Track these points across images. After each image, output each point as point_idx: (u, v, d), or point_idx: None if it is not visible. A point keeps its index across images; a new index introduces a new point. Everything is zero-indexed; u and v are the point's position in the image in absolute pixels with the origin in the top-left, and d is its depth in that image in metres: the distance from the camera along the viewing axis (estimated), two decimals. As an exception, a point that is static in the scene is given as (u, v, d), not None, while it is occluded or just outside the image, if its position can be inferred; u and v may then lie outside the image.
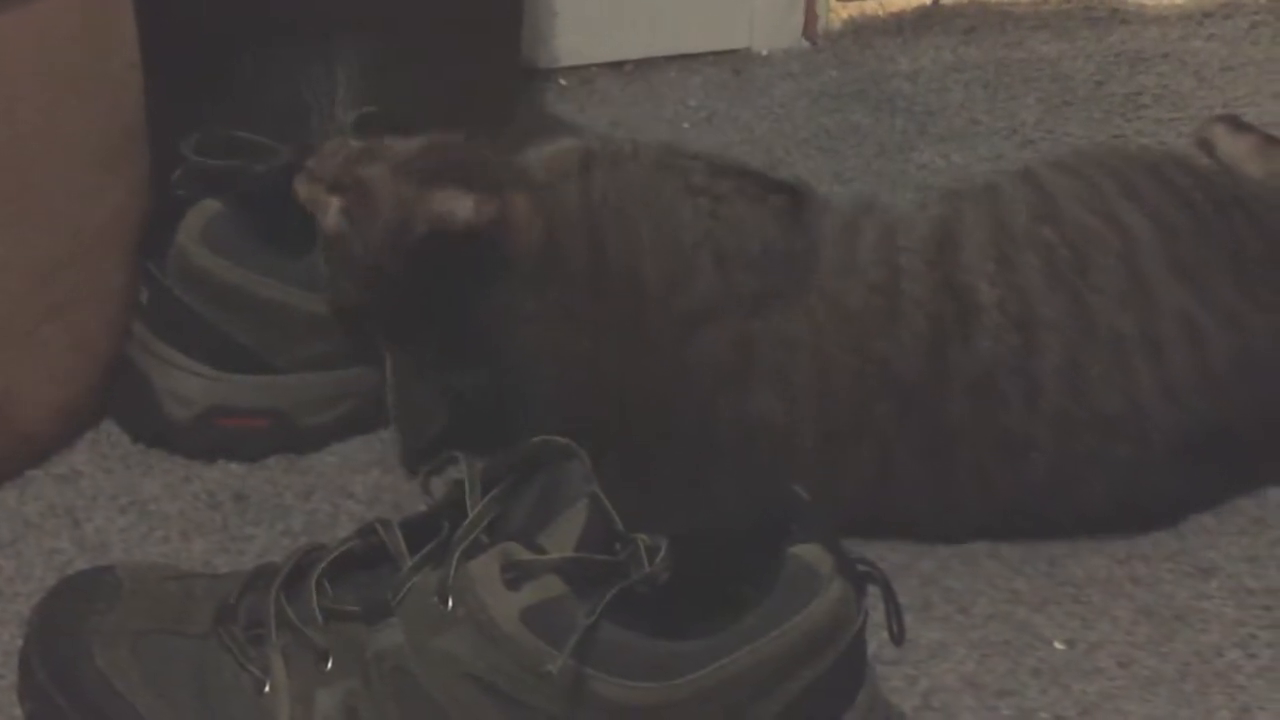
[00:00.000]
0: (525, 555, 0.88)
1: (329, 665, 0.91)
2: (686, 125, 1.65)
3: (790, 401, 1.13)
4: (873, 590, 0.93)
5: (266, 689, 0.91)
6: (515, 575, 0.88)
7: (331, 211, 1.16)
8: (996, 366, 1.12)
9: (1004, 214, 1.17)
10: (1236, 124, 1.46)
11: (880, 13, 1.84)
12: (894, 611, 0.93)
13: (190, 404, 1.21)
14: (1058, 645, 1.09)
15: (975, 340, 1.12)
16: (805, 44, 1.80)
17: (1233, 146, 1.41)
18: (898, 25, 1.81)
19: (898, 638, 0.93)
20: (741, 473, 1.13)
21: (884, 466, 1.13)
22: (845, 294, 1.14)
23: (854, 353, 1.12)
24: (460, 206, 1.13)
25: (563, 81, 1.73)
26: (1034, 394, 1.12)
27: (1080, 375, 1.12)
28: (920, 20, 1.82)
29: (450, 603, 0.88)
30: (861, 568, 0.92)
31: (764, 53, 1.78)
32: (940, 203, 1.20)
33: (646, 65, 1.75)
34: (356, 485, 1.20)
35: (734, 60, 1.76)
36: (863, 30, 1.81)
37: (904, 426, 1.12)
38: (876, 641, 0.96)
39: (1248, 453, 1.17)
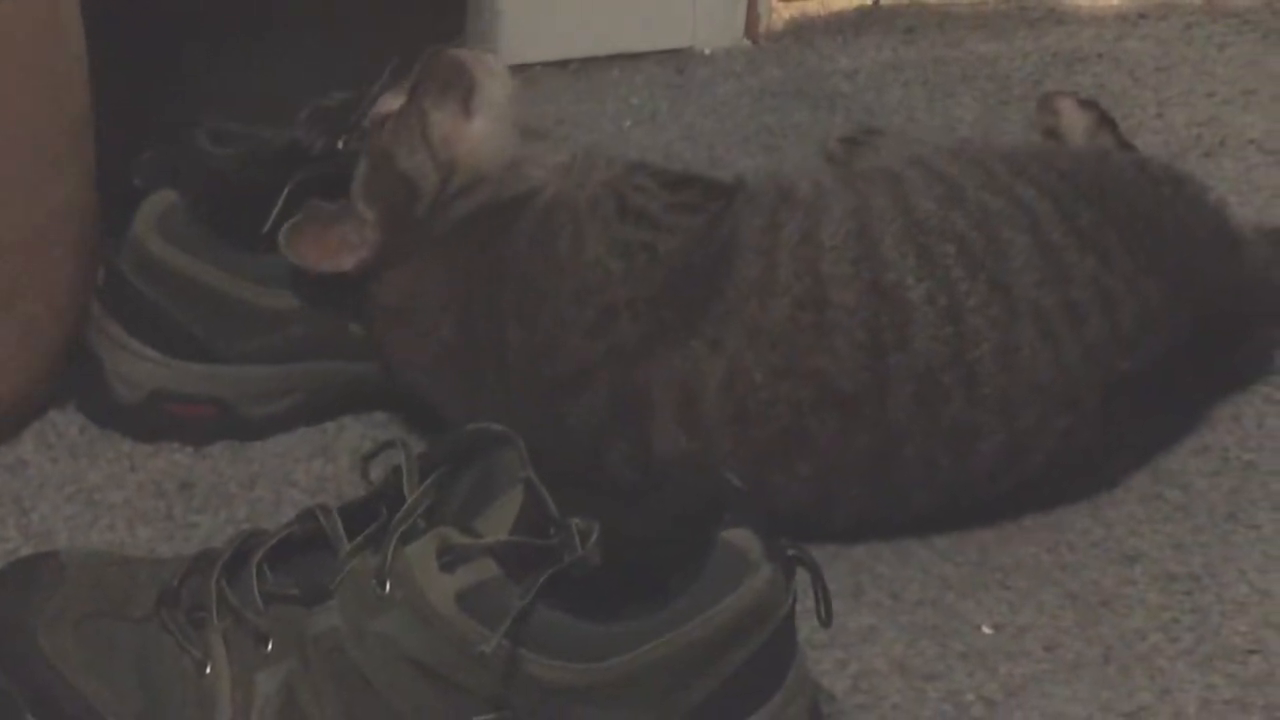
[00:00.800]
0: (461, 539, 0.90)
1: (269, 648, 0.92)
2: (629, 123, 1.66)
3: (701, 436, 1.13)
4: (804, 576, 0.95)
5: (208, 671, 0.93)
6: (451, 559, 0.89)
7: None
8: (936, 363, 1.13)
9: (911, 203, 1.18)
10: (1083, 101, 1.52)
11: (821, 13, 1.86)
12: (822, 594, 0.95)
13: (137, 387, 1.23)
14: (985, 630, 1.11)
15: (913, 342, 1.13)
16: (747, 43, 1.81)
17: (1073, 121, 1.46)
18: (839, 25, 1.83)
19: (825, 620, 0.95)
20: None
21: (825, 480, 1.14)
22: (766, 316, 1.13)
23: (784, 376, 1.12)
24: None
25: (508, 79, 1.74)
26: (974, 383, 1.13)
27: (1013, 354, 1.14)
28: (861, 20, 1.84)
29: (387, 586, 0.90)
30: (790, 552, 0.94)
31: (706, 52, 1.79)
32: (847, 189, 1.20)
33: (590, 64, 1.76)
34: (299, 474, 1.22)
35: (677, 59, 1.78)
36: (804, 30, 1.83)
37: (847, 439, 1.13)
38: (808, 626, 0.98)
39: (1152, 400, 1.20)
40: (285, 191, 1.20)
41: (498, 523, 0.90)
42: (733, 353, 1.12)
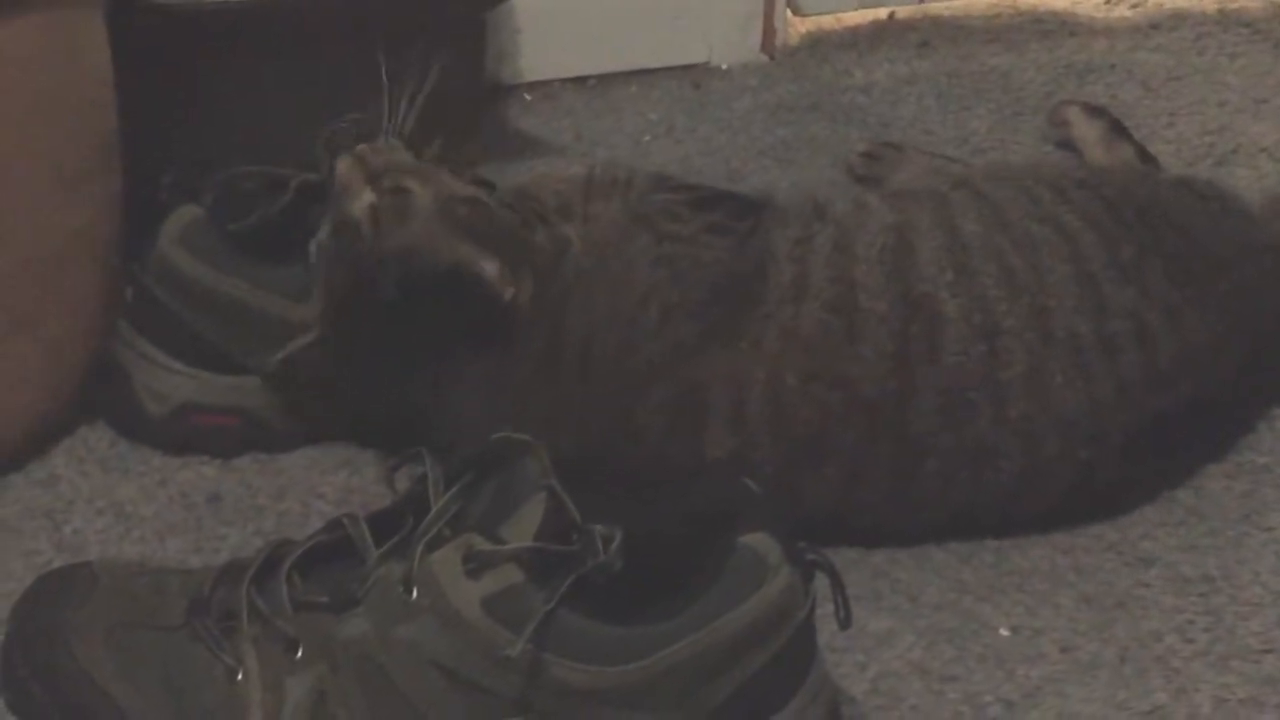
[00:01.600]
0: (486, 546, 0.91)
1: (299, 654, 0.94)
2: (647, 138, 1.68)
3: (744, 436, 1.14)
4: (823, 581, 0.96)
5: (239, 678, 0.95)
6: (476, 565, 0.91)
7: (361, 202, 1.16)
8: (965, 379, 1.14)
9: (957, 224, 1.19)
10: (1091, 109, 1.52)
11: (837, 27, 1.87)
12: (840, 597, 0.96)
13: (165, 400, 1.25)
14: (1003, 632, 1.12)
15: (943, 355, 1.14)
16: (763, 58, 1.82)
17: (1084, 131, 1.47)
18: (854, 39, 1.84)
19: (844, 622, 0.97)
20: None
21: (848, 485, 1.15)
22: (799, 319, 1.15)
23: (813, 380, 1.14)
24: (488, 270, 1.15)
25: (527, 96, 1.75)
26: (1001, 403, 1.14)
27: (1044, 381, 1.15)
28: (875, 34, 1.85)
29: (414, 593, 0.92)
30: (809, 556, 0.96)
31: (723, 67, 1.81)
32: (890, 208, 1.21)
33: (608, 80, 1.77)
34: (326, 486, 1.23)
35: (694, 75, 1.79)
36: (820, 44, 1.84)
37: (872, 446, 1.14)
38: (828, 630, 0.99)
39: (1184, 440, 1.22)
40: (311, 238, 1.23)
41: (521, 529, 0.92)
42: (771, 355, 1.14)
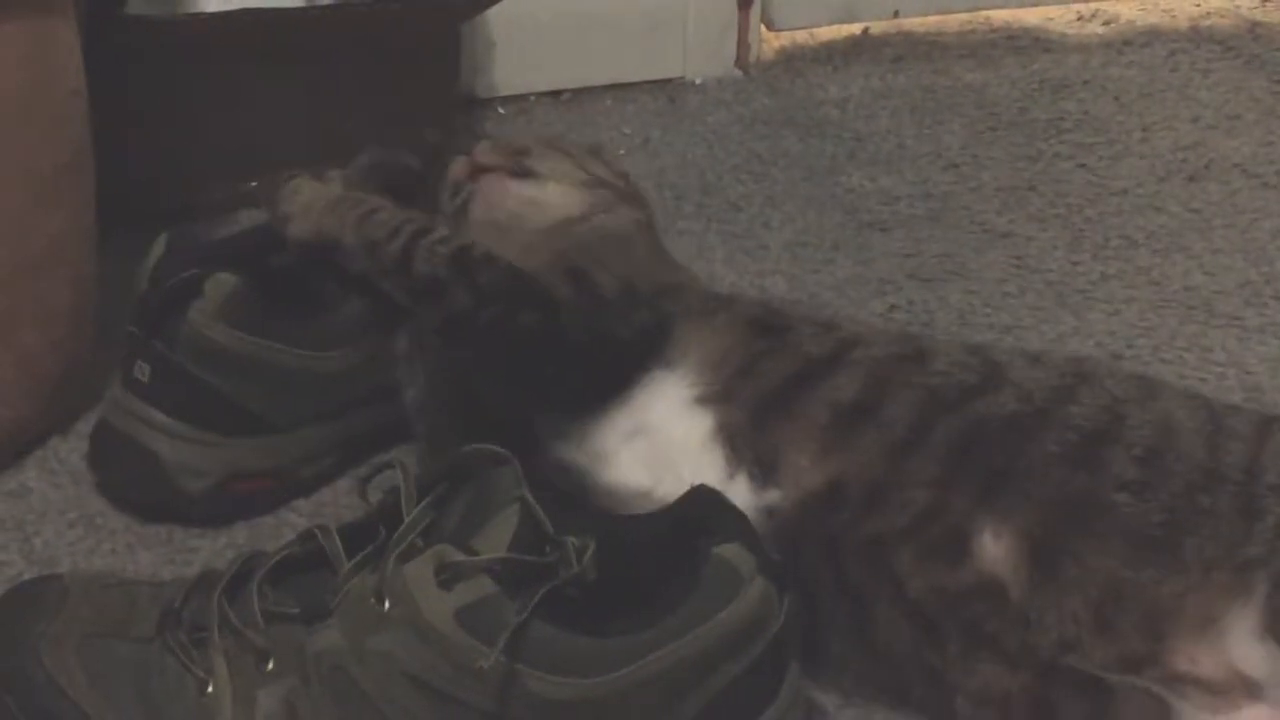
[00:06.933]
0: (458, 557, 0.91)
1: (270, 666, 0.94)
2: (622, 151, 1.68)
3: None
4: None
5: (209, 690, 0.94)
6: (449, 576, 0.91)
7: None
8: None
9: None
10: None
11: (811, 42, 1.88)
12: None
13: (205, 475, 1.20)
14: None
15: None
16: (738, 73, 1.83)
17: None
18: (828, 54, 1.85)
19: (818, 634, 0.97)
20: None
21: None
22: None
23: None
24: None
25: (501, 110, 1.75)
26: None
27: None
28: (850, 49, 1.86)
29: (386, 604, 0.91)
30: (784, 567, 0.96)
31: (697, 81, 1.81)
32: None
33: (583, 94, 1.78)
34: (299, 499, 1.23)
35: (669, 89, 1.80)
36: (794, 59, 1.85)
37: None
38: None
39: None
40: None
41: (495, 541, 0.92)
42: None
